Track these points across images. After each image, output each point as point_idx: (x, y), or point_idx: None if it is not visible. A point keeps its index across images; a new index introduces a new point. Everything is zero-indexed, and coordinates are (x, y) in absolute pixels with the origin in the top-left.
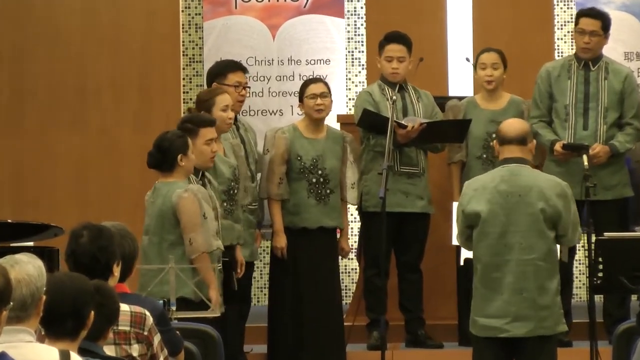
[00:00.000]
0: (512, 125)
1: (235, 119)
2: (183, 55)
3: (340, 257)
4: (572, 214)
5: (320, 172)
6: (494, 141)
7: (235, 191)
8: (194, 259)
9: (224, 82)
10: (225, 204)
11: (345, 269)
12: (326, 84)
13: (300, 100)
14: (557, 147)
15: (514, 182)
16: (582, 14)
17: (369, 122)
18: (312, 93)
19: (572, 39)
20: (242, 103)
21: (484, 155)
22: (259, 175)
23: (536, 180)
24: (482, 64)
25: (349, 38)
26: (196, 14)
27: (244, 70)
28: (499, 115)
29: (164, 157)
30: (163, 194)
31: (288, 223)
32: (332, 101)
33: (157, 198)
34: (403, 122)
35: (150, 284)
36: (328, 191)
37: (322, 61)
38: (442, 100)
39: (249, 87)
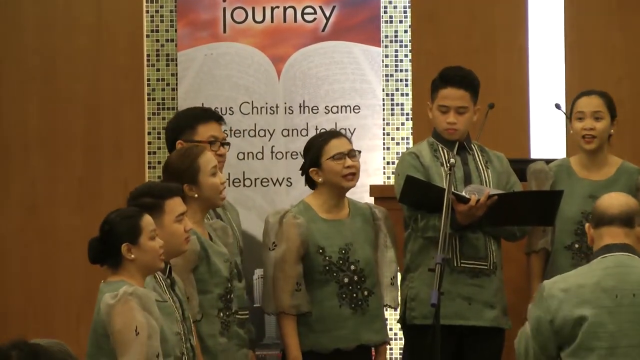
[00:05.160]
0: (615, 200)
1: None
2: (148, 99)
3: None
4: None
5: (352, 267)
6: (587, 224)
7: (231, 296)
8: None
9: (193, 139)
10: (221, 315)
11: None
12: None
13: (315, 164)
14: None
15: (625, 276)
16: None
17: (415, 195)
18: (338, 152)
19: None
20: (220, 166)
21: (576, 245)
22: (257, 272)
23: None
24: (580, 112)
25: (387, 75)
26: (167, 41)
27: (218, 119)
28: (602, 189)
29: (104, 247)
30: (99, 299)
31: (312, 345)
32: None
33: (96, 306)
34: (465, 194)
35: None
36: (366, 293)
37: (348, 108)
38: (521, 165)
39: (229, 145)
